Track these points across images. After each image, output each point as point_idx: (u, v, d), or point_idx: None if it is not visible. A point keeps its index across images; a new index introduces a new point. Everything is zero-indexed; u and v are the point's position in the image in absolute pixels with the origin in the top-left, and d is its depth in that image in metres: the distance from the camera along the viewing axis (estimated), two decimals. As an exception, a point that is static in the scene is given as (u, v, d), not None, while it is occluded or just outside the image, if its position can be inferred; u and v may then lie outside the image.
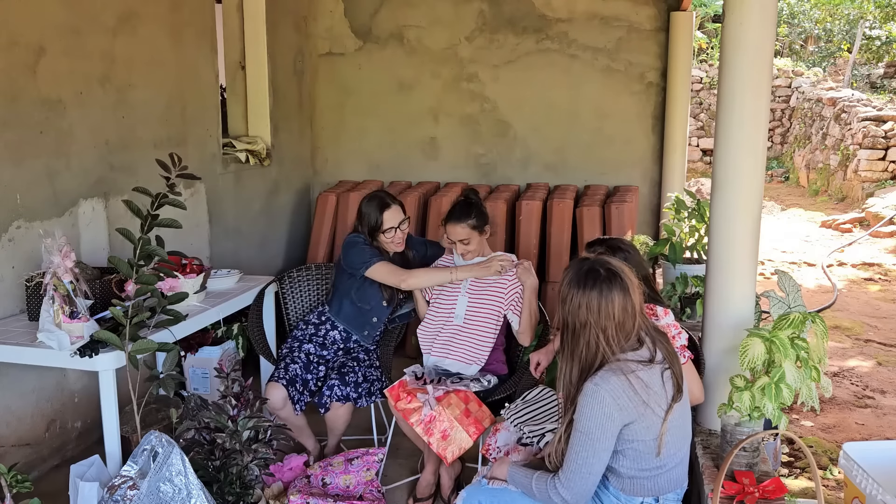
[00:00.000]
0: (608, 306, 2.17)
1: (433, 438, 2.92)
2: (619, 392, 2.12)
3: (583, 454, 2.15)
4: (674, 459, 2.27)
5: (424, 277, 3.29)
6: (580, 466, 2.16)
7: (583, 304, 2.18)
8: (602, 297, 2.17)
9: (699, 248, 3.97)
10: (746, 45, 2.64)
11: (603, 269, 2.21)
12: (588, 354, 2.19)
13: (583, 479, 2.16)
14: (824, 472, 3.51)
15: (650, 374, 2.18)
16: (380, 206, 3.30)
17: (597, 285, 2.18)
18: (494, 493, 2.38)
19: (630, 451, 2.20)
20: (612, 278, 2.19)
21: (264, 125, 5.19)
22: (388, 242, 3.33)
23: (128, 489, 2.48)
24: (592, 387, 2.14)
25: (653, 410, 2.16)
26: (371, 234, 3.31)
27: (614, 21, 5.42)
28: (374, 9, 5.69)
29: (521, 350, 3.42)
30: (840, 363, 4.97)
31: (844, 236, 9.08)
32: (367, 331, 3.46)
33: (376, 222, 3.29)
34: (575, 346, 2.21)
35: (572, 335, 2.22)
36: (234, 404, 2.71)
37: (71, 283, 2.79)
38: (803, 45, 18.03)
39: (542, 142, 5.61)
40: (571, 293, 2.22)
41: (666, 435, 2.18)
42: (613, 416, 2.13)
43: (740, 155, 2.68)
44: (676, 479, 2.31)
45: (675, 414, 2.21)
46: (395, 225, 3.30)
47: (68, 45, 3.43)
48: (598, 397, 2.12)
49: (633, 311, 2.20)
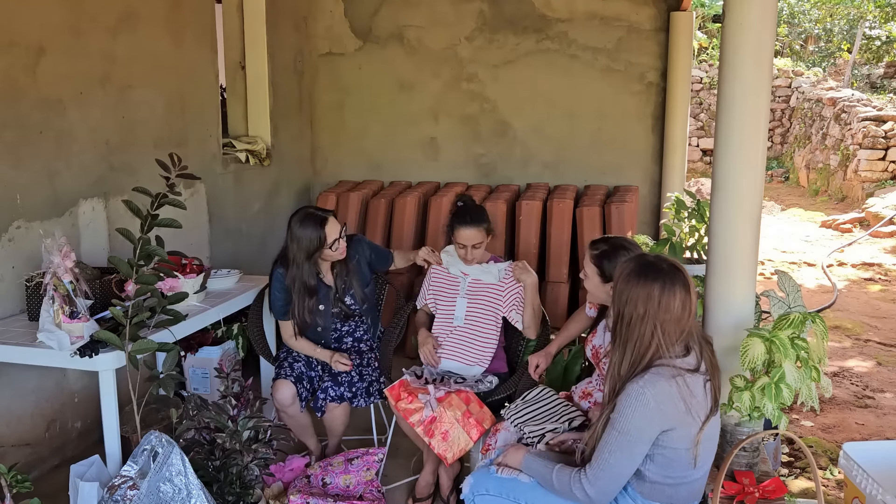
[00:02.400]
0: (669, 300, 2.12)
1: (434, 439, 2.91)
2: (663, 397, 2.08)
3: (616, 454, 2.11)
4: (699, 472, 2.22)
5: (303, 346, 3.37)
6: (611, 466, 2.12)
7: (643, 295, 2.13)
8: (664, 290, 2.12)
9: (699, 248, 3.97)
10: (746, 45, 2.63)
11: (665, 265, 2.18)
12: (641, 347, 2.14)
13: (611, 479, 2.13)
14: (824, 472, 3.51)
15: (695, 382, 2.13)
16: (319, 223, 3.20)
17: (659, 278, 2.14)
18: (503, 483, 2.36)
19: (660, 457, 2.15)
20: (675, 273, 2.16)
21: (264, 125, 5.19)
22: (333, 255, 3.26)
23: (128, 489, 2.48)
24: (638, 388, 2.09)
25: (693, 418, 2.12)
26: (310, 256, 3.22)
27: (614, 21, 5.42)
28: (374, 9, 5.69)
29: (522, 350, 3.43)
30: (840, 363, 4.97)
31: (844, 236, 9.07)
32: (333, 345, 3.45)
33: (320, 239, 3.19)
34: (629, 338, 2.15)
35: (627, 326, 2.16)
36: (234, 404, 2.71)
37: (71, 283, 2.79)
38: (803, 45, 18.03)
39: (542, 142, 5.61)
40: (631, 284, 2.16)
41: (700, 445, 2.14)
42: (654, 420, 2.08)
43: (740, 155, 2.68)
44: (695, 492, 2.27)
45: (711, 426, 2.17)
46: (337, 236, 3.23)
47: (68, 45, 3.43)
48: (643, 400, 2.07)
49: (691, 310, 2.16)
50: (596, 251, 2.81)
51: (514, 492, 2.33)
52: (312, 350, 3.36)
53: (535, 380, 3.11)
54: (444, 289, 3.40)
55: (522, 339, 3.44)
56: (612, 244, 2.81)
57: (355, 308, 3.42)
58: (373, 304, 3.54)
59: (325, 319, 3.39)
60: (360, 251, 3.45)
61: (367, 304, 3.45)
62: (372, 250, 3.51)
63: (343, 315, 3.42)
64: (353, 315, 3.43)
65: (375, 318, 3.58)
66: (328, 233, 3.21)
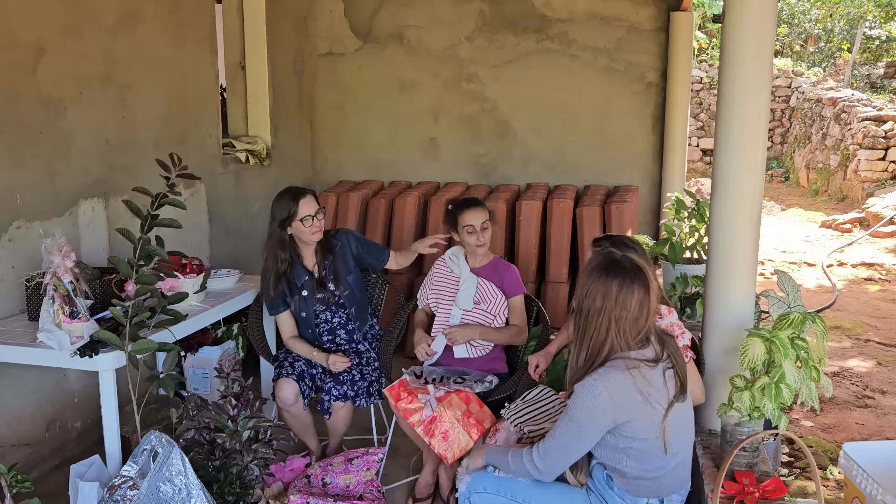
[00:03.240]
0: (627, 297, 2.18)
1: (434, 439, 2.91)
2: (618, 388, 2.14)
3: (566, 438, 2.22)
4: (676, 459, 2.27)
5: (300, 348, 3.40)
6: (560, 447, 2.24)
7: (601, 290, 2.19)
8: (623, 287, 2.18)
9: (699, 248, 3.97)
10: (746, 45, 2.64)
11: (629, 263, 2.23)
12: (597, 341, 2.20)
13: (559, 456, 2.25)
14: (824, 472, 3.51)
15: (652, 373, 2.19)
16: (293, 196, 3.31)
17: (620, 275, 2.20)
18: (500, 481, 2.40)
19: (634, 451, 2.21)
20: (636, 273, 2.21)
21: (264, 125, 5.19)
22: (305, 232, 3.33)
23: (128, 489, 2.48)
24: (591, 381, 2.16)
25: (653, 407, 2.17)
26: (282, 225, 3.31)
27: (614, 21, 5.42)
28: (374, 9, 5.69)
29: (522, 350, 3.43)
30: (840, 363, 4.97)
31: (844, 236, 9.07)
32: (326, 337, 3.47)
33: (290, 211, 3.29)
34: (586, 331, 2.22)
35: (585, 319, 2.23)
36: (234, 404, 2.71)
37: (71, 283, 2.79)
38: (803, 45, 18.03)
39: (542, 142, 5.62)
40: (592, 279, 2.23)
41: (668, 433, 2.19)
42: (607, 411, 2.15)
43: (740, 155, 2.68)
44: (680, 481, 2.31)
45: (677, 413, 2.22)
46: (311, 213, 3.31)
47: (68, 45, 3.43)
48: (595, 392, 2.14)
49: (649, 310, 2.21)
50: (599, 247, 2.82)
51: (510, 489, 2.37)
52: (309, 352, 3.37)
53: (535, 380, 3.11)
54: (446, 290, 3.40)
55: (522, 340, 3.44)
56: (616, 241, 2.83)
57: (337, 294, 3.44)
58: (357, 296, 3.52)
59: (308, 305, 3.42)
60: (345, 241, 3.50)
61: (348, 292, 3.46)
62: (359, 243, 3.54)
63: (326, 301, 3.43)
64: (335, 302, 3.45)
65: (362, 311, 3.55)
66: (301, 207, 3.28)
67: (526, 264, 4.91)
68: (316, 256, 3.43)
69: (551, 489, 2.34)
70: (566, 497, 2.35)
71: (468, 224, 3.31)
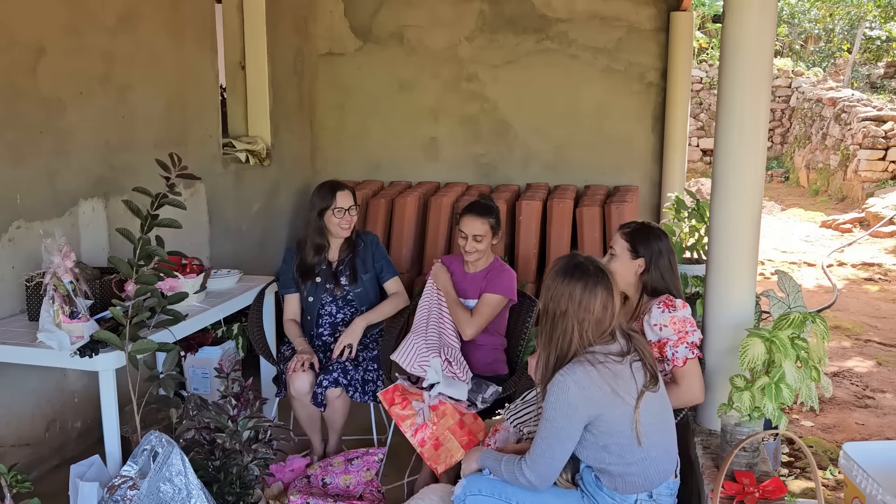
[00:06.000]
0: (590, 300, 2.23)
1: (425, 448, 2.91)
2: (586, 382, 2.18)
3: (548, 440, 2.24)
4: (656, 449, 2.30)
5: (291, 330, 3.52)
6: (544, 451, 2.25)
7: (566, 293, 2.25)
8: (586, 290, 2.24)
9: (699, 248, 3.97)
10: (746, 45, 2.63)
11: (592, 267, 2.29)
12: (563, 344, 2.25)
13: (547, 464, 2.26)
14: (824, 472, 3.51)
15: (619, 366, 2.24)
16: (332, 188, 3.47)
17: (583, 278, 2.25)
18: (495, 484, 2.41)
19: (614, 445, 2.25)
20: (599, 276, 2.27)
21: (264, 125, 5.18)
22: (335, 224, 3.44)
23: (128, 489, 2.48)
24: (559, 378, 2.21)
25: (622, 399, 2.21)
26: (321, 214, 3.45)
27: (614, 21, 5.42)
28: (374, 9, 5.69)
29: (521, 350, 3.42)
30: (840, 363, 4.97)
31: (844, 236, 9.08)
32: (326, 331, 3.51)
33: (325, 202, 3.44)
34: (552, 334, 2.27)
35: (551, 322, 2.28)
36: (234, 404, 2.71)
37: (71, 283, 2.79)
38: (803, 45, 18.03)
39: (542, 142, 5.61)
40: (556, 282, 2.28)
41: (641, 424, 2.22)
42: (579, 406, 2.19)
43: (740, 155, 2.68)
44: (664, 470, 2.34)
45: (649, 402, 2.26)
46: (345, 207, 3.44)
47: (68, 45, 3.43)
48: (563, 388, 2.19)
49: (613, 311, 2.27)
50: (628, 229, 2.85)
51: (505, 492, 2.38)
52: (296, 337, 3.46)
53: (535, 380, 3.11)
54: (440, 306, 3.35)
55: (522, 341, 3.44)
56: (643, 224, 2.86)
57: (347, 289, 3.47)
58: (370, 296, 3.53)
59: (318, 292, 3.49)
60: (370, 244, 3.58)
61: (361, 290, 3.50)
62: (381, 255, 3.60)
63: (333, 294, 3.47)
64: (343, 296, 3.48)
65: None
66: (338, 199, 3.43)
67: (526, 264, 4.91)
68: (340, 250, 3.52)
69: (546, 492, 2.36)
70: (561, 500, 2.37)
71: (461, 229, 3.31)
